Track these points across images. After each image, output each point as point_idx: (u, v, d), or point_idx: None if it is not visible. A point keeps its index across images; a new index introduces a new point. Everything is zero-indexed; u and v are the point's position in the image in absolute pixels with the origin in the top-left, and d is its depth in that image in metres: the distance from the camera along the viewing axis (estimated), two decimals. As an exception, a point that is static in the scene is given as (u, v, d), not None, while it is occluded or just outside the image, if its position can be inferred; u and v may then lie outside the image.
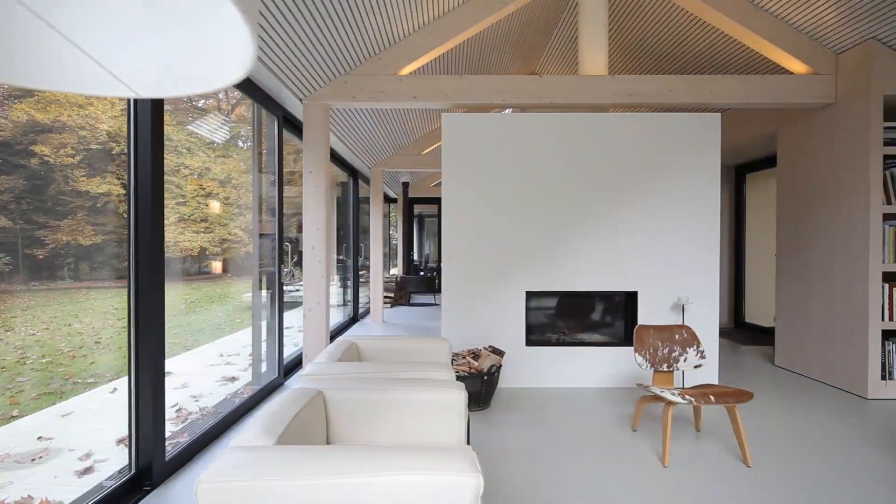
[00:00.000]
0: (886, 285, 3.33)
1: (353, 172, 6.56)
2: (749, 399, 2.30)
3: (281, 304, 3.67)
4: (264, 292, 3.66)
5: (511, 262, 3.63)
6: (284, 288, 3.79)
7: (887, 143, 3.32)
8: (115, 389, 3.16)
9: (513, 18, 4.57)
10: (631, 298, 3.67)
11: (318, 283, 3.58)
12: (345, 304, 6.69)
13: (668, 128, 3.62)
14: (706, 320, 3.60)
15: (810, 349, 3.83)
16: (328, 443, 1.55)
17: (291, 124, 3.85)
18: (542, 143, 3.64)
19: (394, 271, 10.87)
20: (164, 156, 2.20)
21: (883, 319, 3.32)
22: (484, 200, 3.64)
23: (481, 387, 3.05)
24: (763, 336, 5.34)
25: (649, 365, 2.70)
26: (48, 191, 2.91)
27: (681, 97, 3.55)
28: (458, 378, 3.02)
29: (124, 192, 2.12)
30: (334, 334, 5.77)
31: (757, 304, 5.81)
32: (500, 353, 3.36)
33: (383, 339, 2.42)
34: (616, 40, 4.91)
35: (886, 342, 3.34)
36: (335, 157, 5.69)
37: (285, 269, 3.73)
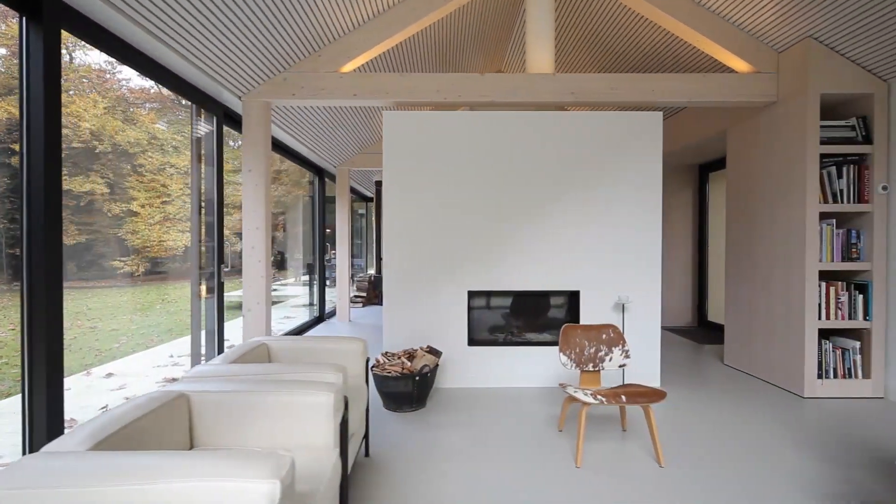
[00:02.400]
0: (823, 284, 3.33)
1: (319, 171, 6.51)
2: (661, 399, 2.29)
3: (221, 305, 3.63)
4: (206, 292, 3.61)
5: (454, 262, 3.61)
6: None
7: (824, 141, 3.32)
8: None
9: (470, 16, 4.54)
10: (574, 298, 3.65)
11: (257, 283, 3.53)
12: (311, 305, 6.64)
13: (610, 126, 3.61)
14: (648, 319, 3.59)
15: (755, 348, 3.84)
16: (192, 447, 1.51)
17: (236, 122, 3.79)
18: (486, 141, 3.61)
19: (371, 271, 10.82)
20: (62, 122, 2.05)
21: (820, 318, 3.32)
22: (426, 199, 3.61)
23: (413, 387, 3.02)
24: (723, 335, 5.35)
25: (574, 365, 2.68)
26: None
27: (623, 96, 3.53)
28: (390, 378, 2.99)
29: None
30: (296, 332, 5.73)
31: (719, 303, 5.82)
32: (437, 354, 3.33)
33: (296, 340, 2.39)
34: (568, 39, 4.90)
35: (823, 341, 3.35)
36: (297, 157, 5.64)
37: (225, 269, 3.68)
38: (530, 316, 3.75)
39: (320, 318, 6.62)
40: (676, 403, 3.22)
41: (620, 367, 2.68)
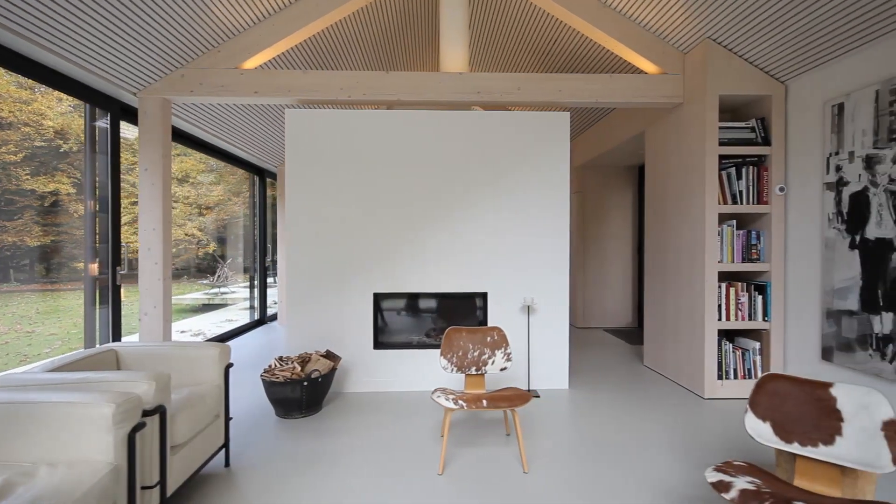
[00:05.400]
0: (724, 285, 3.34)
1: (260, 171, 6.38)
2: (525, 402, 2.24)
3: (118, 310, 3.49)
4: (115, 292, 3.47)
5: (359, 264, 3.53)
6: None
7: (724, 143, 3.33)
8: None
9: (389, 14, 4.47)
10: (482, 300, 3.60)
11: (154, 286, 3.40)
12: (251, 308, 6.49)
13: (519, 127, 3.57)
14: (555, 321, 3.56)
15: (666, 349, 3.84)
16: (-48, 463, 1.41)
17: (135, 117, 3.66)
18: (391, 141, 3.55)
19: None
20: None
21: (720, 319, 3.33)
22: (331, 200, 3.53)
23: (302, 393, 2.93)
24: (656, 335, 5.37)
25: (455, 368, 2.62)
26: None
27: (530, 96, 3.50)
28: (278, 384, 2.90)
29: None
30: (230, 336, 5.58)
31: (657, 304, 5.85)
32: (335, 358, 3.25)
33: (151, 346, 2.28)
34: (485, 40, 4.86)
35: (723, 342, 3.35)
36: (231, 157, 5.50)
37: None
38: (439, 318, 3.69)
39: (261, 321, 6.48)
40: (581, 405, 3.19)
41: (502, 370, 2.63)
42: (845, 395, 1.60)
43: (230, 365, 2.35)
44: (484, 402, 2.23)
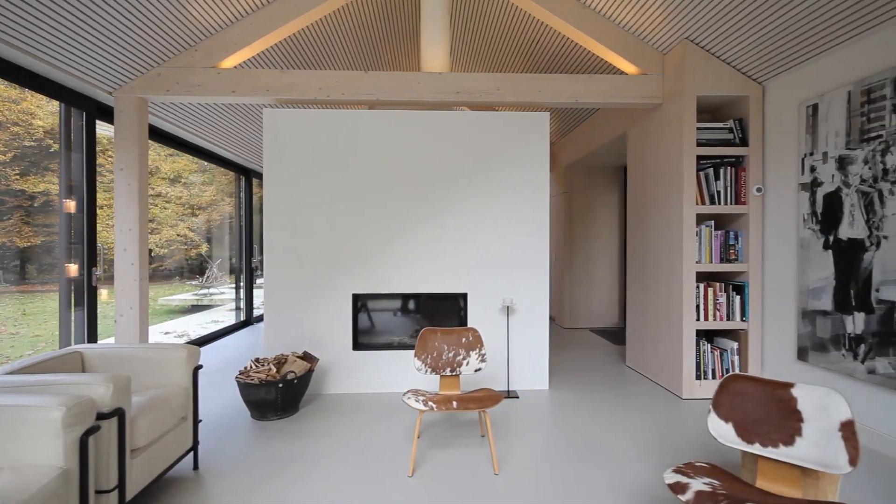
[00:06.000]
0: (702, 285, 3.34)
1: (246, 172, 6.34)
2: (495, 403, 2.23)
3: (94, 312, 3.45)
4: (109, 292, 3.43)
5: (338, 265, 3.51)
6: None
7: (702, 143, 3.34)
8: None
9: (371, 14, 4.45)
10: (462, 300, 3.59)
11: (130, 287, 3.37)
12: (237, 309, 6.45)
13: (499, 127, 3.57)
14: (535, 322, 3.55)
15: (647, 349, 3.84)
16: None
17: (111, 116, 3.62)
18: (370, 141, 3.53)
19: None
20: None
21: (698, 319, 3.33)
22: (310, 201, 3.51)
23: (277, 395, 2.91)
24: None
25: (430, 370, 2.61)
26: None
27: (509, 96, 3.49)
28: (252, 386, 2.88)
29: None
30: (215, 338, 5.54)
31: (643, 304, 5.86)
32: (312, 360, 3.22)
33: (117, 348, 2.25)
34: (467, 40, 4.85)
35: (701, 342, 3.36)
36: (216, 158, 5.46)
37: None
38: (419, 319, 3.68)
39: (247, 322, 6.43)
40: (559, 406, 3.18)
41: (476, 371, 2.62)
42: (805, 395, 1.60)
43: (199, 367, 2.32)
44: (454, 403, 2.21)
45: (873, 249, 2.47)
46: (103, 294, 3.77)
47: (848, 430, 1.48)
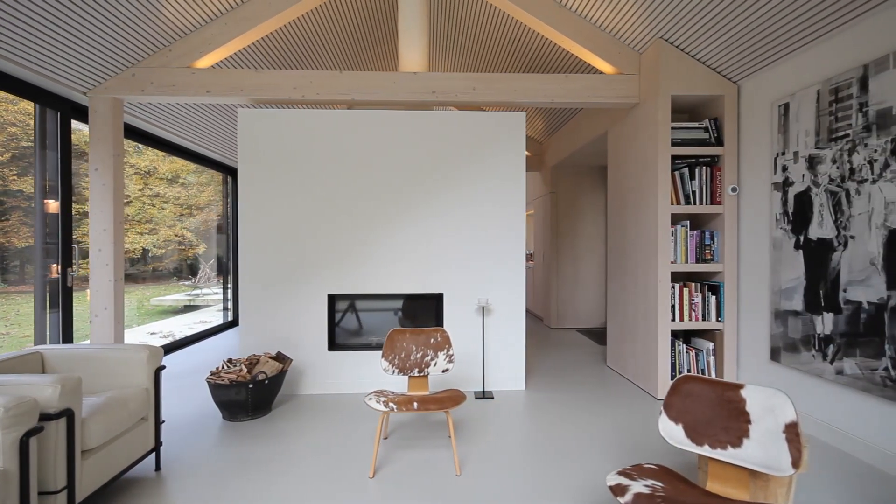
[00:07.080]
0: (678, 285, 3.33)
1: (232, 172, 6.33)
2: (456, 405, 2.22)
3: (69, 313, 3.45)
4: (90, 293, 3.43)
5: (313, 265, 3.50)
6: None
7: (678, 143, 3.32)
8: None
9: (350, 14, 4.44)
10: (438, 301, 3.58)
11: (104, 288, 3.36)
12: (224, 309, 6.45)
13: (475, 127, 3.56)
14: (511, 322, 3.54)
15: (625, 350, 3.83)
16: None
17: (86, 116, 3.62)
18: (345, 141, 3.52)
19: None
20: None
21: (673, 319, 3.32)
22: (285, 201, 3.51)
23: (247, 395, 2.90)
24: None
25: (397, 370, 2.60)
26: None
27: (485, 96, 3.49)
28: (222, 387, 2.87)
29: None
30: (201, 338, 5.54)
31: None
32: (284, 360, 3.22)
33: (77, 349, 2.25)
34: (446, 40, 4.85)
35: (676, 342, 3.34)
36: (199, 158, 5.46)
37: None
38: (396, 319, 3.67)
39: (234, 322, 6.43)
40: (533, 407, 3.17)
41: (444, 371, 2.61)
42: (753, 396, 1.58)
43: (161, 367, 2.32)
44: (415, 404, 2.21)
45: (841, 249, 2.46)
46: (88, 295, 3.77)
47: (792, 432, 1.47)
